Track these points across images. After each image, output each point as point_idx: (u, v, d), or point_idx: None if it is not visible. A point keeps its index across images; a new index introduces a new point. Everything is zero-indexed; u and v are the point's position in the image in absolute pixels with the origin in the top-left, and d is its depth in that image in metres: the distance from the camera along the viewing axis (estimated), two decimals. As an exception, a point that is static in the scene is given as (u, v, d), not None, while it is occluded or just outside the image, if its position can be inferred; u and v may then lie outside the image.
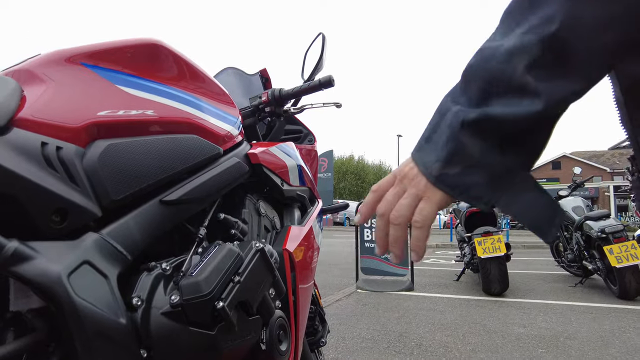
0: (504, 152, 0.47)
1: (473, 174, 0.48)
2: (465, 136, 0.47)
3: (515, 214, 0.49)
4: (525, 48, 0.44)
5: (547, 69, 0.43)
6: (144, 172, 0.76)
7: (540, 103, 0.44)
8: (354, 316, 3.56)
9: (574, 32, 0.41)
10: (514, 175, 0.48)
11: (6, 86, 0.67)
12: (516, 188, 0.48)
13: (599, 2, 0.40)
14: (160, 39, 0.89)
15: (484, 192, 0.48)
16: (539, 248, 10.04)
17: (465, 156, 0.48)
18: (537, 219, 0.48)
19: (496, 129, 0.46)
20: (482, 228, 4.54)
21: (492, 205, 0.49)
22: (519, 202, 0.48)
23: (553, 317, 3.51)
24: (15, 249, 0.55)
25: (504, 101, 0.45)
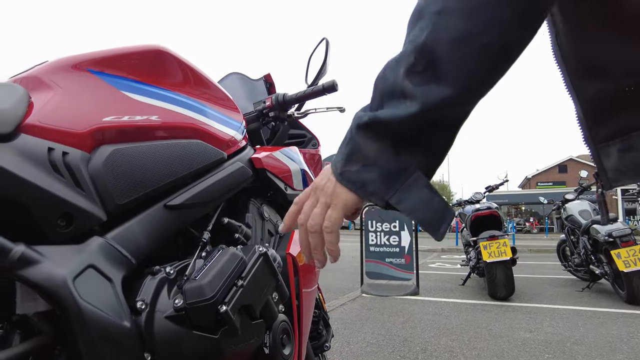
0: (398, 152, 0.51)
1: (370, 172, 0.52)
2: (360, 138, 0.52)
3: (406, 211, 0.52)
4: (404, 56, 0.49)
5: (421, 74, 0.48)
6: (149, 177, 0.77)
7: (416, 105, 0.48)
8: (359, 320, 3.55)
9: (439, 42, 0.46)
10: (408, 174, 0.52)
11: (14, 93, 0.68)
12: (409, 187, 0.52)
13: (458, 19, 0.45)
14: (165, 46, 0.90)
15: (379, 188, 0.52)
16: (545, 252, 9.96)
17: (361, 155, 0.53)
18: (428, 217, 0.52)
19: (384, 130, 0.51)
20: (487, 232, 4.52)
21: (386, 201, 0.52)
22: (410, 200, 0.52)
23: (560, 322, 3.48)
24: (22, 253, 0.55)
25: (390, 104, 0.50)
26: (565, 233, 5.37)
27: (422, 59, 0.48)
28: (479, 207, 5.12)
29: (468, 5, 0.45)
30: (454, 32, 0.46)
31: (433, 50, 0.47)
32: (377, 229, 5.09)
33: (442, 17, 0.46)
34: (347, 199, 0.54)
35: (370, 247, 5.09)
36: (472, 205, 5.39)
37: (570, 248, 5.33)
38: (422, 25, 0.48)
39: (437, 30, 0.47)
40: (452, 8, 0.46)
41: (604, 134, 0.56)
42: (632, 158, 0.53)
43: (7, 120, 0.61)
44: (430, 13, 0.48)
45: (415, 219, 0.52)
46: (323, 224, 0.56)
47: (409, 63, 0.49)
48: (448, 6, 0.46)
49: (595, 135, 0.57)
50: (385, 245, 5.03)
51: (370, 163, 0.52)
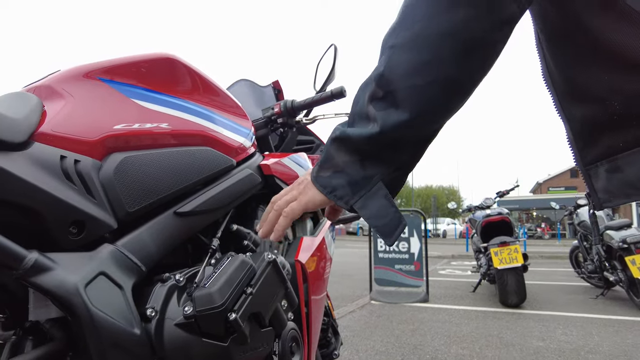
0: (364, 164, 0.58)
1: (339, 178, 0.60)
2: (333, 149, 0.60)
3: (366, 217, 0.59)
4: (369, 83, 0.57)
5: (381, 101, 0.55)
6: (159, 184, 0.77)
7: (377, 127, 0.55)
8: (368, 328, 3.52)
9: (394, 73, 0.53)
10: (372, 184, 0.59)
11: (28, 102, 0.69)
12: (372, 195, 0.59)
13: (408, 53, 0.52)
14: (175, 54, 0.91)
15: (345, 193, 0.59)
16: (558, 259, 9.83)
17: (333, 164, 0.60)
18: (383, 224, 0.59)
19: (351, 145, 0.58)
20: (498, 238, 4.46)
21: (351, 205, 0.59)
22: (370, 207, 0.59)
23: (573, 330, 3.42)
24: (35, 259, 0.56)
25: (358, 124, 0.58)
26: (578, 239, 5.30)
27: (381, 88, 0.55)
28: (489, 212, 5.07)
29: (419, 41, 0.51)
30: (405, 65, 0.52)
31: (389, 80, 0.53)
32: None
33: (395, 51, 0.53)
34: (314, 197, 0.62)
35: (379, 254, 5.06)
36: (483, 210, 5.35)
37: (583, 254, 5.24)
38: (382, 57, 0.55)
39: (391, 62, 0.53)
40: (402, 44, 0.52)
41: (592, 156, 0.60)
42: (619, 179, 0.56)
43: (21, 129, 0.62)
44: (387, 47, 0.54)
45: (373, 224, 0.59)
46: (284, 209, 0.64)
47: (371, 90, 0.56)
48: (399, 42, 0.53)
49: (584, 156, 0.61)
50: (394, 251, 5.00)
51: (339, 171, 0.59)
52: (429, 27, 0.50)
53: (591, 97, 0.55)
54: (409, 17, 0.52)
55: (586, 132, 0.59)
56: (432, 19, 0.50)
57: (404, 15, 0.53)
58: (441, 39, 0.50)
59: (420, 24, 0.51)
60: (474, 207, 5.75)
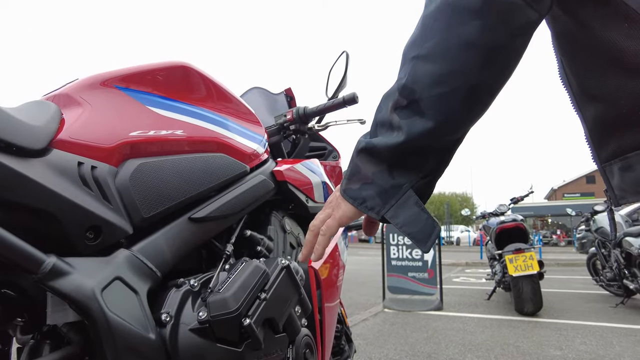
0: (392, 174, 0.59)
1: (369, 189, 0.60)
2: (359, 161, 0.61)
3: (398, 225, 0.59)
4: (392, 93, 0.58)
5: (405, 109, 0.56)
6: (174, 190, 0.78)
7: (402, 136, 0.56)
8: (381, 336, 3.48)
9: (417, 83, 0.54)
10: (402, 192, 0.59)
11: (48, 110, 0.71)
12: (402, 204, 0.59)
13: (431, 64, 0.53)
14: (189, 62, 0.92)
15: (376, 204, 0.60)
16: (575, 266, 9.62)
17: (361, 176, 0.61)
18: (417, 232, 0.59)
19: (378, 155, 0.59)
20: (513, 245, 4.39)
21: (382, 215, 0.60)
22: (402, 216, 0.59)
23: (592, 339, 3.33)
24: (53, 264, 0.57)
25: (382, 133, 0.59)
26: (596, 246, 5.18)
27: (404, 98, 0.55)
28: (503, 219, 5.00)
29: (441, 52, 0.52)
30: (428, 75, 0.53)
31: (413, 90, 0.54)
32: (398, 242, 5.02)
33: (417, 62, 0.54)
34: (346, 211, 0.63)
35: (392, 261, 5.02)
36: (497, 217, 5.27)
37: (601, 262, 5.12)
38: (404, 68, 0.56)
39: (414, 73, 0.54)
40: (424, 55, 0.53)
41: (606, 153, 0.60)
42: (631, 177, 0.57)
43: (41, 136, 0.64)
44: (410, 57, 0.55)
45: (406, 232, 0.59)
46: (321, 227, 0.65)
47: (395, 100, 0.57)
48: (421, 53, 0.54)
49: (600, 154, 0.62)
50: (407, 259, 4.95)
51: (368, 182, 0.60)
52: (449, 38, 0.51)
53: (602, 98, 0.56)
54: (429, 28, 0.54)
55: (599, 131, 0.60)
56: (451, 30, 0.51)
57: (424, 27, 0.54)
58: (461, 49, 0.51)
59: (440, 36, 0.52)
60: (488, 213, 5.67)
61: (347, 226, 1.54)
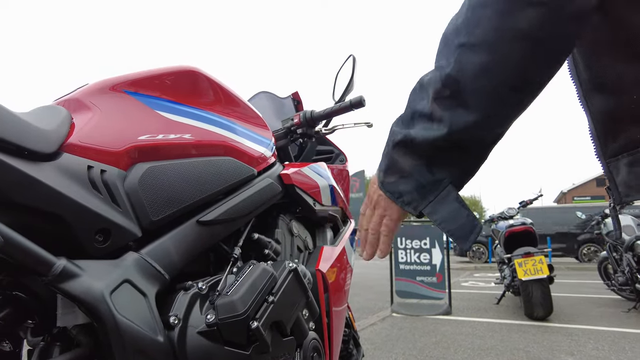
0: (431, 168, 0.56)
1: (406, 184, 0.58)
2: (396, 154, 0.58)
3: (437, 222, 0.57)
4: (433, 81, 0.54)
5: (447, 100, 0.53)
6: (182, 194, 0.78)
7: (444, 128, 0.53)
8: (390, 341, 3.46)
9: (463, 74, 0.51)
10: (441, 188, 0.57)
11: (58, 115, 0.72)
12: (442, 200, 0.57)
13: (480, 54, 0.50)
14: (197, 66, 0.93)
15: (414, 199, 0.58)
16: (586, 270, 9.50)
17: (398, 169, 0.58)
18: (456, 228, 0.57)
19: (416, 148, 0.56)
20: (522, 249, 4.35)
21: (420, 211, 0.58)
22: (442, 212, 0.57)
23: (605, 344, 3.28)
24: (63, 266, 0.58)
25: (421, 125, 0.55)
26: (607, 250, 5.11)
27: (447, 88, 0.53)
28: (512, 222, 4.95)
29: (490, 41, 0.49)
30: (476, 65, 0.50)
31: (458, 80, 0.52)
32: (406, 246, 4.99)
33: (466, 50, 0.51)
34: (398, 214, 0.61)
35: (400, 265, 4.99)
36: (506, 221, 5.23)
37: (613, 266, 5.05)
38: (449, 55, 0.53)
39: (460, 62, 0.51)
40: (472, 44, 0.50)
41: (613, 149, 0.59)
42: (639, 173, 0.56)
43: (51, 140, 0.65)
44: (455, 45, 0.52)
45: (445, 229, 0.57)
46: (380, 229, 0.65)
47: (437, 89, 0.54)
48: (469, 41, 0.50)
49: (605, 150, 0.61)
50: (415, 263, 4.93)
51: (406, 176, 0.57)
52: (500, 27, 0.48)
53: (615, 89, 0.55)
54: (476, 15, 0.50)
55: (608, 125, 0.59)
56: (503, 18, 0.48)
57: (472, 13, 0.50)
58: (513, 40, 0.48)
59: (490, 24, 0.49)
60: (497, 217, 5.63)
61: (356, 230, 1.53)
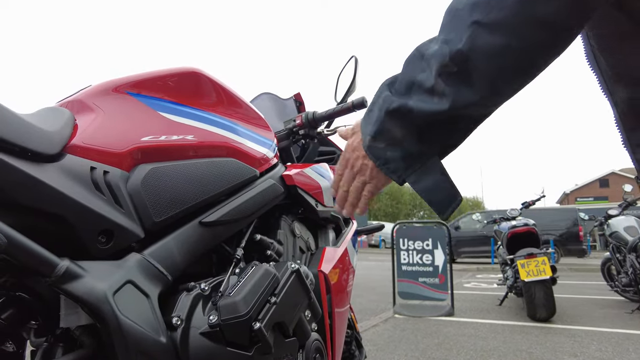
0: (421, 138, 0.57)
1: (393, 151, 0.58)
2: (389, 121, 0.57)
3: (420, 191, 0.58)
4: (439, 54, 0.53)
5: (453, 76, 0.52)
6: (185, 195, 0.79)
7: (446, 104, 0.53)
8: (392, 342, 3.46)
9: (475, 52, 0.50)
10: (427, 158, 0.58)
11: (62, 116, 0.72)
12: (426, 169, 0.58)
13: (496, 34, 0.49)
14: (200, 68, 0.93)
15: (399, 167, 0.59)
16: (589, 271, 9.46)
17: (388, 136, 0.58)
18: (437, 198, 0.58)
19: (411, 119, 0.56)
20: (525, 250, 4.33)
21: (404, 179, 0.59)
22: (425, 181, 0.58)
23: (608, 346, 3.27)
24: (67, 267, 0.58)
25: (420, 96, 0.55)
26: (610, 251, 5.09)
27: (456, 64, 0.51)
28: (515, 224, 4.94)
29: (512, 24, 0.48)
30: (489, 46, 0.49)
31: (468, 58, 0.51)
32: (409, 247, 4.98)
33: (481, 29, 0.49)
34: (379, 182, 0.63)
35: (403, 266, 4.98)
36: (508, 222, 5.21)
37: (616, 267, 5.03)
38: (460, 30, 0.51)
39: (474, 40, 0.50)
40: (490, 24, 0.49)
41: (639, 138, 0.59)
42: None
43: (55, 142, 0.65)
44: (470, 21, 0.50)
45: (427, 198, 0.58)
46: (362, 193, 0.66)
47: (443, 63, 0.53)
48: (486, 21, 0.49)
49: (631, 138, 0.61)
50: (418, 264, 4.92)
51: (394, 144, 0.58)
52: (522, 13, 0.47)
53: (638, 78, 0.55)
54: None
55: (633, 114, 0.58)
56: (525, 5, 0.47)
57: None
58: (534, 27, 0.48)
59: (510, 10, 0.48)
60: (499, 218, 5.61)
61: (358, 231, 1.53)
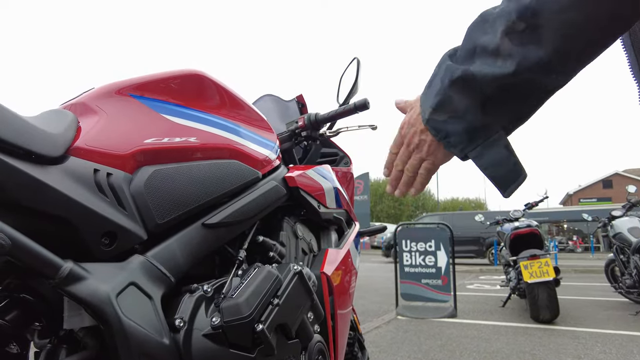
0: (485, 110, 0.53)
1: (455, 124, 0.55)
2: (452, 92, 0.55)
3: (482, 167, 0.55)
4: (505, 13, 0.50)
5: (521, 35, 0.49)
6: (188, 197, 0.79)
7: (511, 65, 0.49)
8: (395, 344, 3.45)
9: (545, 7, 0.47)
10: (491, 132, 0.55)
11: (65, 119, 0.72)
12: (490, 144, 0.54)
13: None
14: (202, 70, 0.94)
15: (461, 141, 0.56)
16: (592, 273, 9.42)
17: (450, 108, 0.55)
18: (501, 175, 0.55)
19: (476, 87, 0.52)
20: (528, 251, 4.32)
21: (465, 154, 0.55)
22: (488, 157, 0.55)
23: (612, 348, 3.25)
24: (70, 269, 0.58)
25: (483, 60, 0.52)
26: (614, 252, 5.07)
27: (524, 21, 0.48)
28: (518, 225, 4.92)
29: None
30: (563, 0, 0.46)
31: (538, 14, 0.47)
32: (411, 249, 4.98)
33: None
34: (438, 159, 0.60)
35: (405, 268, 4.97)
36: (511, 223, 5.20)
37: (620, 268, 5.01)
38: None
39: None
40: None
41: None
42: None
43: (58, 144, 0.65)
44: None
45: (490, 175, 0.55)
46: (419, 172, 0.63)
47: (510, 21, 0.49)
48: None
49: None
50: (420, 265, 4.91)
51: (457, 116, 0.55)
52: None
53: None
54: None
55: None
56: None
57: None
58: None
59: None
60: (502, 219, 5.60)
61: (361, 232, 1.53)
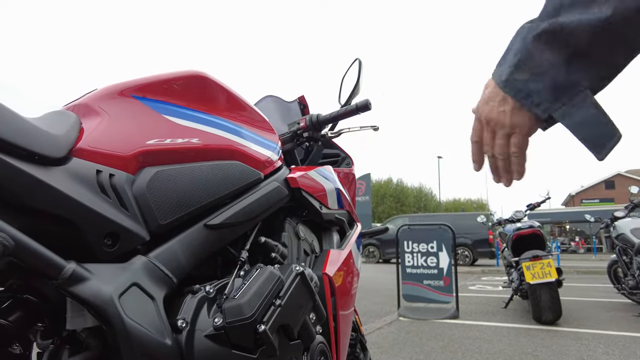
0: (570, 66, 0.50)
1: (538, 82, 0.51)
2: (535, 47, 0.51)
3: (571, 127, 0.51)
4: None
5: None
6: (190, 198, 0.79)
7: (608, 10, 0.45)
8: (397, 345, 3.44)
9: None
10: (577, 91, 0.50)
11: (68, 120, 0.73)
12: (577, 102, 0.50)
13: None
14: (205, 71, 0.94)
15: (545, 99, 0.52)
16: (595, 274, 9.39)
17: (533, 64, 0.51)
18: (593, 135, 0.50)
19: (563, 38, 0.49)
20: (530, 252, 4.31)
21: (549, 114, 0.51)
22: (576, 116, 0.50)
23: (615, 349, 3.24)
24: (73, 270, 0.58)
25: (574, 9, 0.48)
26: (617, 253, 5.06)
27: None
28: (520, 226, 4.92)
29: None
30: None
31: None
32: (413, 250, 4.97)
33: None
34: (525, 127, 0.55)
35: (407, 269, 4.97)
36: (513, 224, 5.19)
37: (622, 269, 4.99)
38: None
39: None
40: None
41: None
42: None
43: (61, 145, 0.66)
44: None
45: (580, 135, 0.51)
46: (510, 151, 0.59)
47: None
48: None
49: None
50: (422, 266, 4.90)
51: (540, 73, 0.51)
52: None
53: None
54: None
55: None
56: None
57: None
58: None
59: None
60: (504, 220, 5.59)
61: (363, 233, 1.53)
